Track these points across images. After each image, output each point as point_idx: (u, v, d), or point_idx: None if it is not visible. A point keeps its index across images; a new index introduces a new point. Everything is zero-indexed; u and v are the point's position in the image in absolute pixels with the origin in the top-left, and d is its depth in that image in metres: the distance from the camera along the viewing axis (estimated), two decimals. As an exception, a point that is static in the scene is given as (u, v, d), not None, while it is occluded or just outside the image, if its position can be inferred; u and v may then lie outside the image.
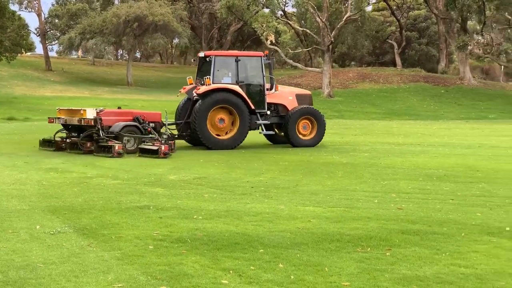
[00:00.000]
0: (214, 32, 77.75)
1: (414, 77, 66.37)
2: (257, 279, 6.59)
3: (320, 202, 11.14)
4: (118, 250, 7.69)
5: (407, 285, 6.45)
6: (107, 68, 77.45)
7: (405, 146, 23.03)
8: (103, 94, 53.28)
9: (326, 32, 57.34)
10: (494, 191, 12.58)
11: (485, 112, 52.28)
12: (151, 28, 60.43)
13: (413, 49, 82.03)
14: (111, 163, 16.96)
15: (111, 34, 60.73)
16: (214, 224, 9.23)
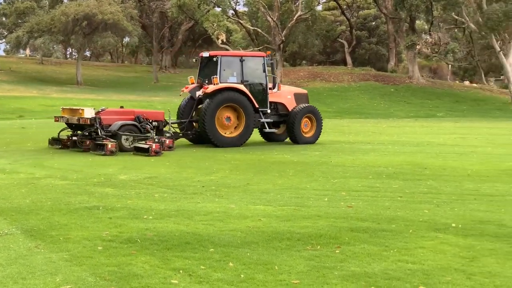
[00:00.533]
0: (165, 31, 77.32)
1: (364, 76, 67.12)
2: (207, 279, 6.59)
3: (270, 201, 11.18)
4: (66, 252, 7.60)
5: (356, 281, 6.52)
6: (56, 67, 76.40)
7: (355, 145, 23.27)
8: (52, 94, 52.54)
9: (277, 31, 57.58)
10: (441, 188, 12.80)
11: (433, 110, 53.17)
12: (100, 27, 59.82)
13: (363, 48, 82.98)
14: (60, 163, 16.75)
15: (60, 33, 59.96)
16: (164, 224, 9.20)
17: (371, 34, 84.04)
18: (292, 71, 71.01)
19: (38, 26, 60.31)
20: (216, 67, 22.50)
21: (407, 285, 6.43)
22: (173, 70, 79.82)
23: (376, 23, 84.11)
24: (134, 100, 50.89)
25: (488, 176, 14.66)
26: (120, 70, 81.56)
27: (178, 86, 64.84)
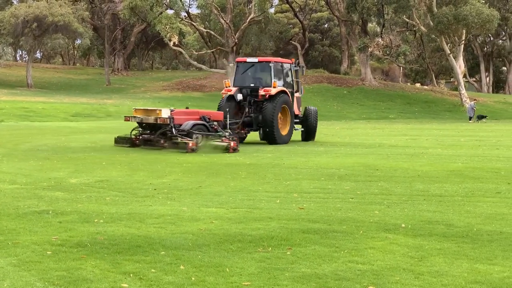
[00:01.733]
0: (118, 33, 76.68)
1: (318, 78, 67.61)
2: (157, 282, 6.56)
3: (223, 203, 11.18)
4: (14, 257, 7.48)
5: (306, 283, 6.56)
6: (5, 69, 75.13)
7: (308, 147, 23.42)
8: (2, 97, 51.64)
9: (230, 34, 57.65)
10: (392, 189, 12.97)
11: (386, 112, 53.84)
12: (51, 29, 59.01)
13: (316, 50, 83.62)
14: (9, 167, 16.47)
15: (9, 35, 58.99)
16: (115, 227, 9.12)
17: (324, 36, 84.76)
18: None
19: (-13, 28, 59.24)
20: (264, 72, 25.53)
21: (357, 285, 6.50)
22: (125, 73, 79.22)
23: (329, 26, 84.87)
24: (87, 103, 50.35)
25: (438, 177, 14.90)
26: (71, 72, 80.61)
27: (130, 89, 64.47)
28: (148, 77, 76.96)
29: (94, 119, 43.23)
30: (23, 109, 43.98)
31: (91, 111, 46.07)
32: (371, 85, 64.95)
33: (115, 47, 76.89)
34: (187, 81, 68.47)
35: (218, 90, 61.26)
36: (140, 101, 53.68)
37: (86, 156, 19.16)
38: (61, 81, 69.47)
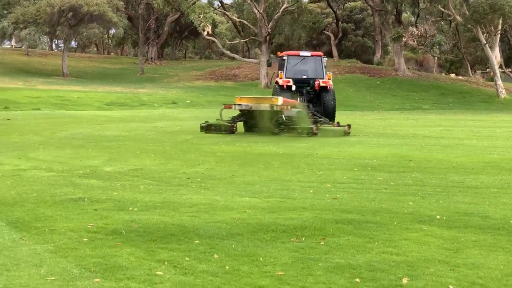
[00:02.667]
0: (151, 22, 77.04)
1: (351, 68, 67.26)
2: (192, 270, 6.60)
3: (256, 193, 11.20)
4: (51, 243, 7.59)
5: (340, 273, 6.56)
6: (41, 59, 75.99)
7: (341, 137, 23.32)
8: (38, 85, 52.27)
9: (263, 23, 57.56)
10: (426, 180, 12.87)
11: (419, 102, 53.37)
12: (86, 18, 59.53)
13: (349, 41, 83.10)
14: (45, 155, 16.68)
15: (45, 24, 59.59)
16: (149, 215, 9.20)
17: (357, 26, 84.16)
18: (279, 63, 70.93)
19: (23, 17, 59.91)
20: (313, 64, 27.98)
21: (391, 276, 6.48)
22: (158, 62, 79.61)
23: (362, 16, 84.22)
24: (121, 92, 50.73)
25: (473, 168, 14.75)
26: (106, 61, 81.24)
27: (164, 78, 64.81)
28: (181, 66, 77.25)
29: (128, 108, 43.55)
30: (59, 98, 44.47)
31: (125, 100, 46.40)
32: (405, 75, 64.41)
33: (148, 37, 77.29)
34: (220, 71, 68.58)
35: (251, 79, 61.37)
36: (173, 90, 53.92)
37: (120, 145, 19.32)
38: (96, 70, 70.07)
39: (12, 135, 22.03)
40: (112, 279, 6.30)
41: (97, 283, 6.18)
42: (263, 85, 56.08)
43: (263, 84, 56.23)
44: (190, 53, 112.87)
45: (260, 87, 55.95)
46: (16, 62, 69.95)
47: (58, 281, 6.22)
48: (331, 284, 6.23)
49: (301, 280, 6.33)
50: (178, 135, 23.09)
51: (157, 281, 6.28)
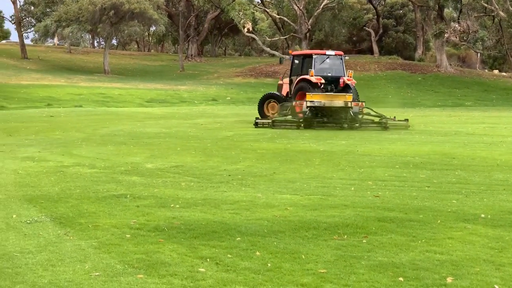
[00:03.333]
0: (192, 20, 77.38)
1: (391, 64, 66.69)
2: (234, 267, 6.61)
3: (297, 190, 11.17)
4: (95, 239, 7.68)
5: (383, 272, 6.50)
6: (83, 56, 76.92)
7: (382, 134, 23.16)
8: (80, 82, 52.93)
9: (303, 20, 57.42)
10: (469, 178, 12.69)
11: (462, 99, 52.69)
12: (127, 16, 60.05)
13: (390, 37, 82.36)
14: (88, 151, 16.88)
15: (87, 22, 60.27)
16: (191, 212, 9.24)
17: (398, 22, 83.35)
18: (319, 59, 70.66)
19: (66, 15, 60.69)
20: (336, 62, 28.53)
21: (435, 275, 6.40)
22: (199, 59, 79.93)
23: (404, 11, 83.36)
24: (161, 89, 51.08)
25: (517, 166, 14.50)
26: (146, 58, 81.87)
27: (204, 75, 65.05)
28: (221, 63, 77.48)
29: (168, 105, 43.84)
30: (100, 95, 44.99)
31: (165, 97, 46.74)
32: (447, 71, 63.65)
33: (189, 34, 77.64)
34: (259, 68, 68.60)
35: (290, 76, 61.18)
36: (213, 87, 54.12)
37: (161, 142, 19.46)
38: (137, 68, 70.66)
39: (55, 132, 22.34)
40: (155, 275, 6.34)
41: (140, 279, 6.23)
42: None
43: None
44: (230, 50, 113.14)
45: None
46: (59, 60, 70.92)
47: (102, 277, 6.28)
48: (374, 283, 6.18)
49: (343, 278, 6.30)
50: (218, 132, 23.16)
51: (200, 277, 6.30)
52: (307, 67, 27.85)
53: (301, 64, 28.48)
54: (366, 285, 6.13)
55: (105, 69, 63.21)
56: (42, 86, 48.30)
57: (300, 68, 28.42)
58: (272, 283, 6.15)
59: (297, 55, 29.42)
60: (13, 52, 70.86)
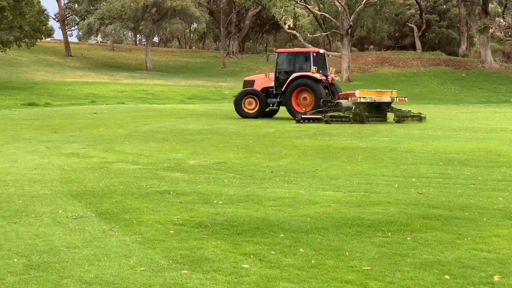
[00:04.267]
0: (233, 16, 77.53)
1: (434, 60, 65.92)
2: (278, 264, 6.61)
3: (340, 187, 11.13)
4: (139, 235, 7.74)
5: (429, 269, 6.43)
6: (126, 53, 77.66)
7: (425, 131, 22.90)
8: (122, 79, 53.46)
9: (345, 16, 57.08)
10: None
11: (507, 95, 51.82)
12: (169, 13, 60.43)
13: (433, 32, 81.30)
14: (130, 148, 17.04)
15: (130, 20, 60.83)
16: (234, 209, 9.26)
17: (441, 17, 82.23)
18: (360, 56, 70.31)
19: (109, 13, 61.33)
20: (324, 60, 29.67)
21: (482, 274, 6.31)
22: (240, 56, 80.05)
23: (447, 6, 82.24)
24: (202, 86, 51.31)
25: None
26: (187, 55, 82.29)
27: (245, 71, 65.10)
28: (262, 60, 77.45)
29: (210, 101, 44.00)
30: (142, 92, 45.37)
31: (206, 94, 46.92)
32: (491, 67, 62.68)
33: (230, 31, 77.82)
34: (301, 64, 68.41)
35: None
36: (254, 84, 54.12)
37: (203, 138, 19.55)
38: (178, 64, 71.07)
39: (99, 129, 22.60)
40: (199, 271, 6.37)
41: (185, 275, 6.26)
42: (345, 79, 55.65)
43: (344, 77, 55.80)
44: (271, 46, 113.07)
45: (342, 80, 55.50)
46: (102, 57, 71.71)
47: (147, 272, 6.33)
48: (419, 280, 6.11)
49: (388, 276, 6.24)
50: (260, 129, 23.18)
51: (244, 274, 6.31)
52: (293, 64, 29.23)
53: (285, 61, 29.64)
54: (412, 282, 6.07)
55: (147, 66, 63.71)
56: (86, 83, 48.92)
57: (285, 65, 29.51)
58: (316, 280, 6.13)
59: (282, 53, 30.23)
60: (58, 50, 71.88)
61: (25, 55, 60.81)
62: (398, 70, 62.23)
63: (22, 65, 57.48)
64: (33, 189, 10.81)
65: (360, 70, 62.55)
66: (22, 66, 57.24)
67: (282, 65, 29.52)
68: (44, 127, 23.41)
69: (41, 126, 23.85)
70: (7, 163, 13.85)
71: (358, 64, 64.42)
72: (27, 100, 37.98)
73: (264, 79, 29.76)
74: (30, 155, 15.32)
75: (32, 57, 62.07)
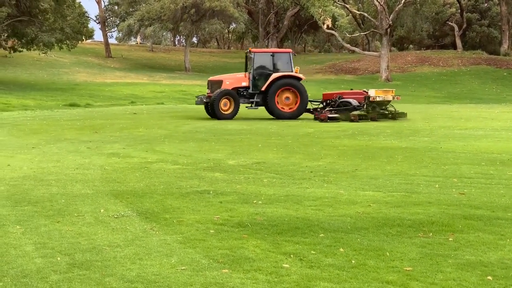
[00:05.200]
0: (271, 17, 77.59)
1: (475, 59, 65.14)
2: (318, 264, 6.60)
3: (379, 187, 11.07)
4: (180, 234, 7.80)
5: (471, 270, 6.37)
6: (165, 54, 78.23)
7: (466, 130, 22.64)
8: (162, 80, 53.85)
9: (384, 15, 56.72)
10: (559, 175, 12.28)
11: (549, 95, 50.95)
12: (208, 14, 60.70)
13: (474, 31, 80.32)
14: (170, 148, 17.16)
15: (169, 21, 61.24)
16: (274, 208, 9.28)
17: (482, 16, 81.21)
18: (400, 55, 69.77)
19: (148, 14, 61.83)
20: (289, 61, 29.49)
21: (526, 275, 6.22)
22: (278, 56, 79.96)
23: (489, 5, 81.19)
24: (241, 86, 51.34)
25: None
26: (226, 56, 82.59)
27: (284, 72, 65.03)
28: (300, 60, 77.34)
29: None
30: (181, 92, 45.65)
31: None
32: (534, 66, 61.69)
33: (268, 31, 77.90)
34: (339, 64, 68.21)
35: (371, 72, 60.68)
36: (293, 84, 54.07)
37: (242, 138, 19.59)
38: (217, 65, 71.35)
39: (139, 129, 22.79)
40: (239, 271, 6.40)
41: (226, 274, 6.29)
42: (384, 78, 55.28)
43: (383, 77, 55.44)
44: (310, 46, 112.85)
45: (381, 80, 55.17)
46: (141, 58, 72.35)
47: (188, 271, 6.38)
48: (461, 281, 6.06)
49: (430, 277, 6.20)
50: (299, 129, 23.15)
51: (284, 273, 6.32)
52: (271, 64, 28.95)
53: (262, 62, 29.16)
54: (454, 283, 6.01)
55: (186, 66, 64.10)
56: (126, 84, 49.39)
57: (262, 65, 29.08)
58: (357, 280, 6.11)
59: (257, 53, 29.63)
60: (98, 51, 72.72)
61: (67, 56, 61.64)
62: (438, 70, 61.62)
63: (64, 67, 58.28)
64: (75, 188, 10.96)
65: (399, 69, 62.08)
66: (64, 67, 58.05)
67: (258, 65, 29.11)
68: (85, 127, 23.69)
69: (83, 126, 24.14)
70: (49, 163, 14.06)
71: (398, 63, 63.94)
72: (68, 101, 38.46)
73: (235, 79, 29.39)
74: (72, 155, 15.52)
75: (73, 58, 62.89)
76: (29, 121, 25.51)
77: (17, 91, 39.64)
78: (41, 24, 43.43)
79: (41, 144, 17.73)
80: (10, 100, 35.07)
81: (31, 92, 40.37)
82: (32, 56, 57.81)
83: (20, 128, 22.30)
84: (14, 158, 14.85)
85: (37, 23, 43.13)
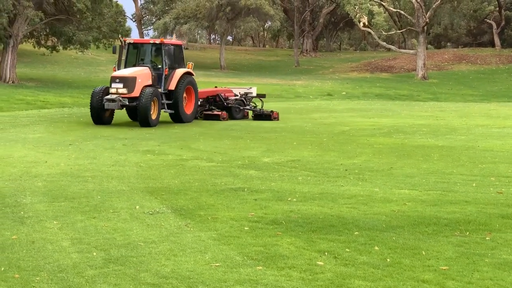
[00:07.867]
0: (307, 14, 77.33)
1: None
2: (352, 261, 6.57)
3: (415, 185, 10.97)
4: (214, 231, 7.82)
5: (508, 270, 6.29)
6: (200, 52, 78.48)
7: (504, 129, 22.34)
8: (198, 78, 53.91)
9: (421, 13, 56.21)
10: None
11: None
12: (243, 12, 60.73)
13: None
14: (205, 145, 17.20)
15: (205, 19, 61.42)
16: (308, 206, 9.25)
17: (521, 13, 79.96)
18: (436, 53, 69.07)
19: (184, 13, 62.09)
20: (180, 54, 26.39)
21: None
22: (314, 54, 79.80)
23: (528, 2, 79.96)
24: (276, 84, 51.36)
25: None
26: (261, 54, 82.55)
27: (319, 70, 64.99)
28: (336, 58, 77.07)
29: (284, 99, 43.97)
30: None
31: (280, 92, 46.91)
32: None
33: (304, 29, 77.65)
34: (375, 62, 67.74)
35: (407, 71, 60.17)
36: (328, 82, 53.92)
37: (277, 136, 19.56)
38: (252, 63, 71.38)
39: (174, 126, 22.88)
40: (273, 268, 6.39)
41: (260, 271, 6.29)
42: (420, 76, 54.77)
43: (420, 75, 54.93)
44: (345, 44, 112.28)
45: (417, 78, 54.68)
46: (177, 56, 72.66)
47: (222, 268, 6.39)
48: (499, 281, 5.98)
49: (466, 276, 6.13)
50: (334, 127, 23.05)
51: (318, 271, 6.30)
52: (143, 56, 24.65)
53: (137, 54, 24.82)
54: (491, 283, 5.93)
55: (221, 64, 64.24)
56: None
57: (136, 57, 24.63)
58: (392, 279, 6.06)
59: (133, 43, 25.13)
60: (134, 50, 73.26)
61: (103, 54, 62.16)
62: (476, 68, 60.86)
63: (100, 65, 58.82)
64: (111, 185, 11.05)
65: (436, 67, 61.45)
66: (100, 65, 58.58)
67: (131, 57, 24.57)
68: (121, 125, 23.85)
69: (118, 124, 24.30)
70: (86, 160, 14.20)
71: (434, 61, 63.31)
72: (105, 98, 38.83)
73: (146, 75, 23.09)
74: (108, 152, 15.64)
75: (109, 56, 63.36)
76: (66, 118, 25.78)
77: (55, 89, 40.11)
78: (79, 23, 43.84)
79: (78, 141, 17.91)
80: (48, 97, 35.48)
81: (68, 89, 40.83)
82: (70, 55, 58.40)
83: (57, 125, 22.54)
84: (51, 155, 15.02)
85: (74, 22, 43.55)
